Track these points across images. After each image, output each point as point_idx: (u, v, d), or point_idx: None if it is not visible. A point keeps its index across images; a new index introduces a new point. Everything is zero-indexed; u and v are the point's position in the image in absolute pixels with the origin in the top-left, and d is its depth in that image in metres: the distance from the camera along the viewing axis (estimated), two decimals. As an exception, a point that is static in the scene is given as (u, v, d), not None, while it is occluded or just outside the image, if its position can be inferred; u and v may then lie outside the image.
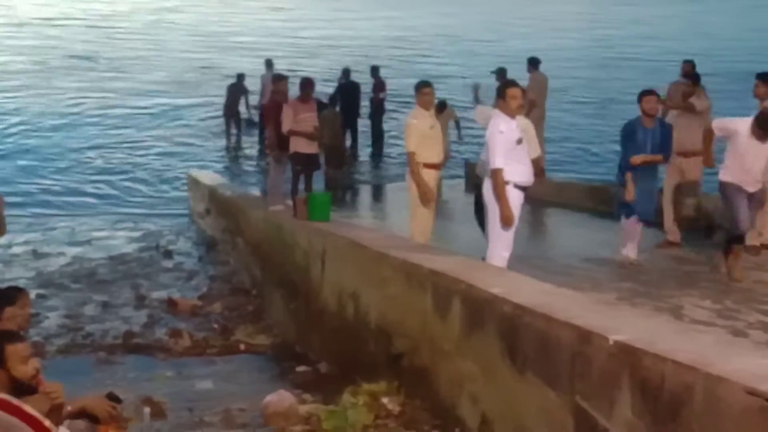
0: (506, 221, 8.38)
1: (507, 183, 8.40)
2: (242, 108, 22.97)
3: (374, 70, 21.94)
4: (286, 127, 11.99)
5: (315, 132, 12.15)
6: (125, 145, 22.10)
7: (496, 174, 8.34)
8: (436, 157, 10.10)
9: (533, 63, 17.09)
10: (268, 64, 22.42)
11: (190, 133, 23.55)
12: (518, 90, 8.72)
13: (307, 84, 12.39)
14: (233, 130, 23.08)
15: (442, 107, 15.08)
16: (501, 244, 8.46)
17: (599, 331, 5.60)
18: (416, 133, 9.88)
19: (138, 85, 27.97)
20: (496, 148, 8.34)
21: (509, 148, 8.38)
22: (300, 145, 12.05)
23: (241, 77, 23.01)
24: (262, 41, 34.96)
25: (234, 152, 22.38)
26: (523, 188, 8.55)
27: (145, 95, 26.85)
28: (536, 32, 38.13)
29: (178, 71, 30.29)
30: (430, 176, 10.09)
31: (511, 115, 8.54)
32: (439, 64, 30.40)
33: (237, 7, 45.68)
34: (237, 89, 22.90)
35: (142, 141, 22.53)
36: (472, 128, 16.33)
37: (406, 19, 42.47)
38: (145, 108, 25.56)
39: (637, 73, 29.04)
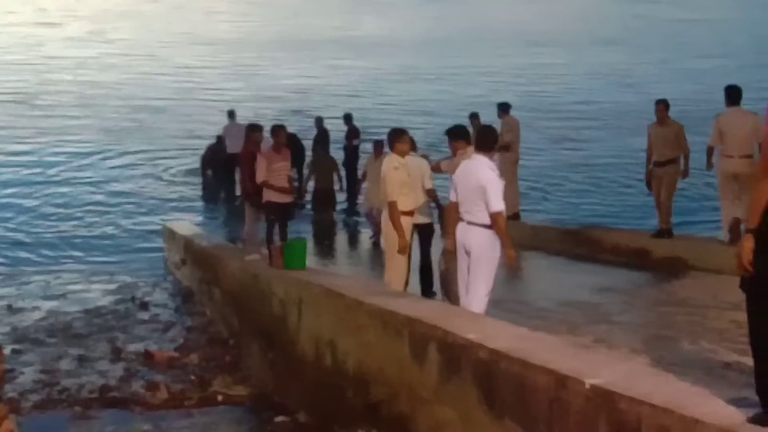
0: (512, 261, 8.38)
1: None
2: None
3: (347, 118, 22.08)
4: (260, 177, 12.05)
5: (289, 183, 12.27)
6: (96, 194, 22.10)
7: (501, 216, 8.30)
8: (411, 204, 10.23)
9: (503, 108, 17.21)
10: (231, 114, 22.64)
11: (159, 182, 23.65)
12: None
13: (279, 132, 12.45)
14: (209, 181, 23.19)
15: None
16: (486, 287, 8.41)
17: (575, 375, 5.63)
18: (395, 182, 10.04)
19: (86, 131, 28.55)
20: (500, 192, 8.35)
21: None
22: (273, 195, 12.11)
23: (220, 140, 23.09)
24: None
25: (209, 202, 22.44)
26: None
27: (102, 143, 27.32)
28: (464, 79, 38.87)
29: (114, 116, 31.13)
30: (406, 223, 10.19)
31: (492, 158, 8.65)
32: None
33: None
34: (216, 148, 23.05)
35: (113, 191, 22.53)
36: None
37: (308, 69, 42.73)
38: (103, 156, 25.96)
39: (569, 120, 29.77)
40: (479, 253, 8.28)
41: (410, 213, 10.28)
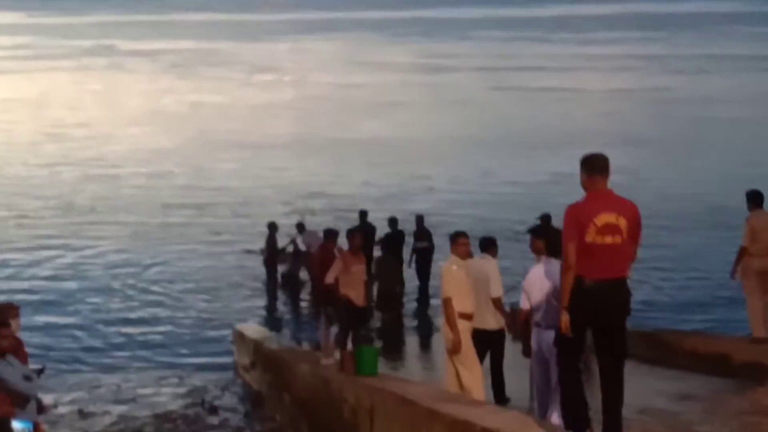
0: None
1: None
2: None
3: (419, 219, 22.05)
4: (330, 278, 12.09)
5: (365, 288, 12.33)
6: (161, 294, 21.94)
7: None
8: (470, 306, 10.14)
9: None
10: (300, 227, 22.37)
11: (226, 281, 23.33)
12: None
13: (355, 235, 12.57)
14: (275, 282, 22.93)
15: None
16: None
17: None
18: (451, 281, 9.99)
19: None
20: None
21: None
22: (350, 298, 12.12)
23: (272, 227, 22.78)
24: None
25: (276, 304, 22.30)
26: None
27: (148, 242, 26.89)
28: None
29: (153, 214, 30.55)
30: (465, 326, 10.05)
31: None
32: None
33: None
34: (271, 241, 22.76)
35: (177, 292, 22.23)
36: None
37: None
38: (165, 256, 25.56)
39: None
40: None
41: (468, 316, 10.12)
